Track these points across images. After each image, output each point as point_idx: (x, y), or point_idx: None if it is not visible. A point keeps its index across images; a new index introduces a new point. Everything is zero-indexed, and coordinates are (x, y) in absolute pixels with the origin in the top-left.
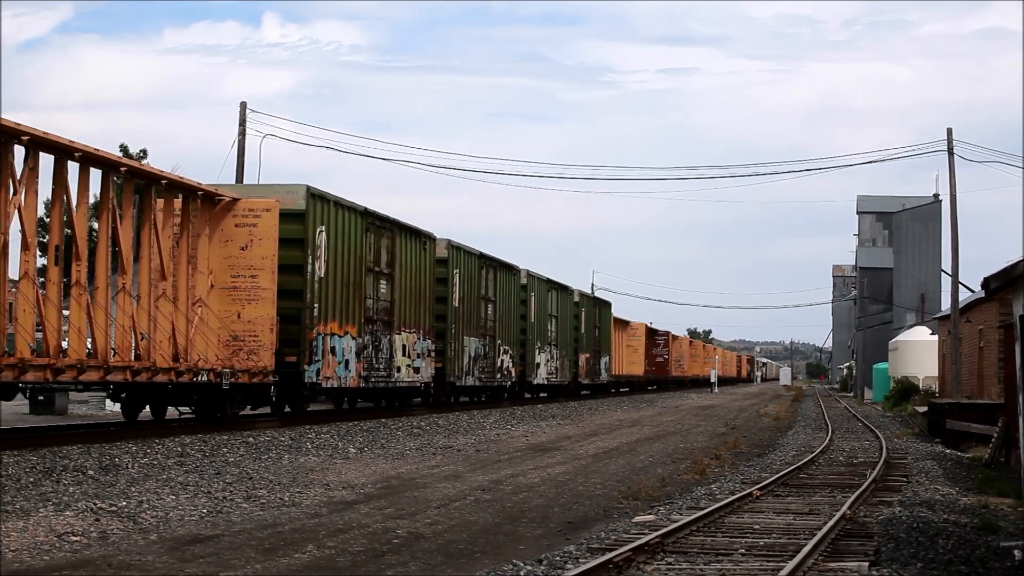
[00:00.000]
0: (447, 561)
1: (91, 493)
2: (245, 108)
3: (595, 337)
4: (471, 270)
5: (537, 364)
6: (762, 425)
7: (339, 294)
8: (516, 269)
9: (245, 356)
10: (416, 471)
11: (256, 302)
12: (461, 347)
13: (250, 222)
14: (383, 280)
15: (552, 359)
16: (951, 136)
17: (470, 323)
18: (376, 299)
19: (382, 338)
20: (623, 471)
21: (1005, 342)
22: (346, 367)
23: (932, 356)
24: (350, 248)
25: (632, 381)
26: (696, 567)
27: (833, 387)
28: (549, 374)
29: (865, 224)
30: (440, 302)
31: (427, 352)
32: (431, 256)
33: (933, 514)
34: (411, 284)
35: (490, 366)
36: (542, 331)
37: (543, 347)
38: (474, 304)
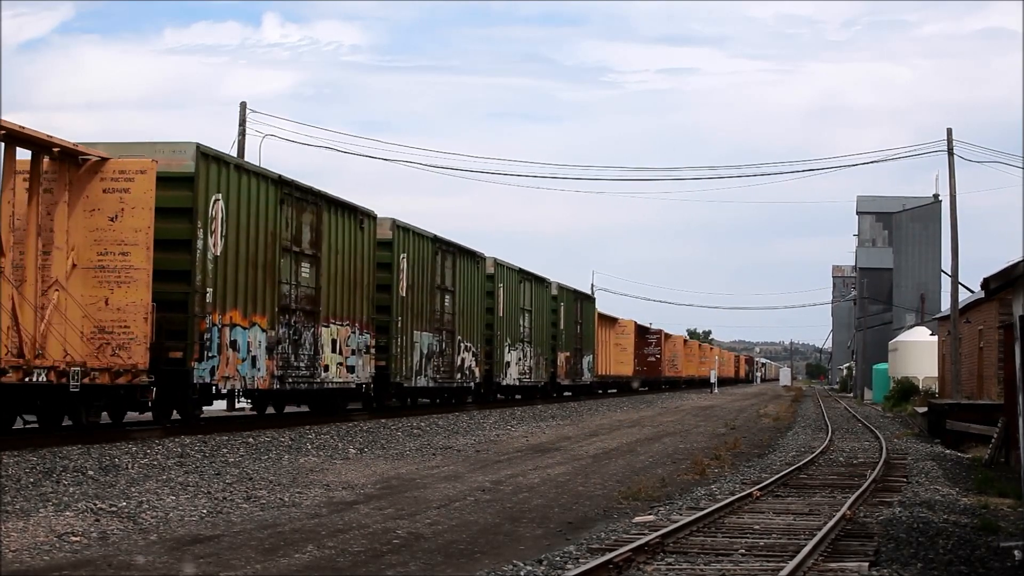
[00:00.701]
0: (447, 561)
1: (91, 493)
2: (245, 108)
3: (577, 334)
4: (423, 255)
5: (507, 363)
6: (762, 425)
7: (244, 277)
8: (480, 256)
9: (112, 352)
10: (416, 471)
11: (127, 285)
12: (410, 343)
13: (121, 187)
14: (305, 263)
15: (525, 358)
16: (951, 136)
17: (421, 316)
18: (295, 285)
19: (304, 331)
20: (623, 471)
21: (1005, 342)
22: (253, 365)
23: (932, 356)
24: (260, 222)
25: (620, 382)
26: (696, 567)
27: (833, 387)
28: (521, 374)
29: (865, 224)
30: (383, 291)
31: (365, 348)
32: (370, 237)
33: (933, 514)
34: (343, 269)
35: (448, 365)
36: (513, 326)
37: (514, 344)
38: (427, 294)
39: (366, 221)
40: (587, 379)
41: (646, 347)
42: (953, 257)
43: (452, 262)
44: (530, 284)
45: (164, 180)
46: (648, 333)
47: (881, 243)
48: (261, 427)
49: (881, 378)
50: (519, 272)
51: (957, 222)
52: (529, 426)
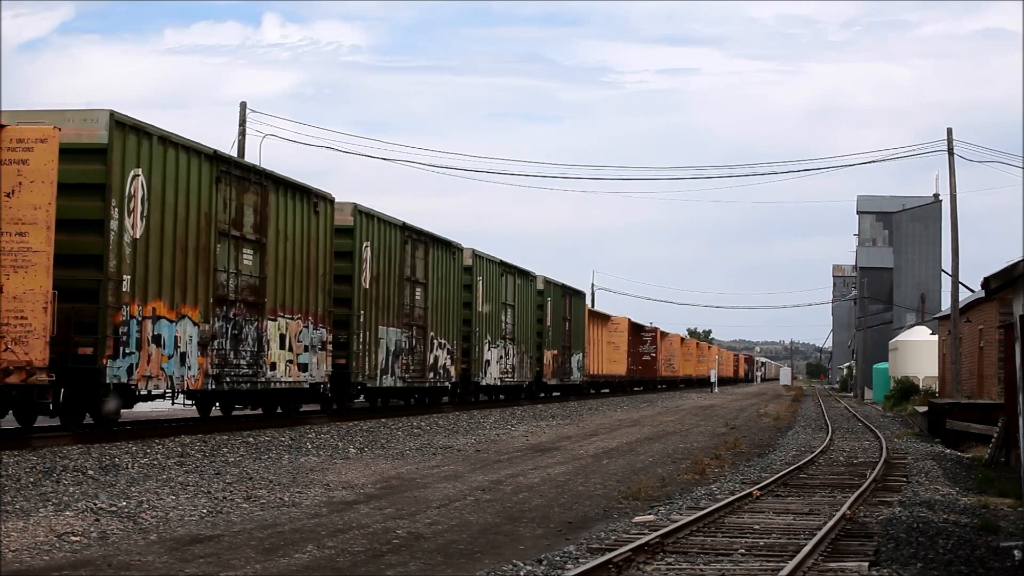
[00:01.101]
0: (447, 561)
1: (91, 493)
2: (245, 108)
3: (565, 331)
4: (390, 244)
5: (486, 361)
6: (762, 425)
7: (171, 264)
8: (457, 247)
9: (5, 347)
10: (416, 471)
11: (24, 271)
12: (374, 339)
13: (19, 158)
14: (248, 249)
15: (507, 356)
16: (951, 136)
17: (388, 310)
18: (235, 273)
19: (246, 325)
20: (623, 471)
21: (1005, 342)
22: (182, 362)
23: (932, 356)
24: (191, 202)
25: (613, 382)
26: (696, 567)
27: (833, 387)
28: (503, 373)
29: (865, 224)
30: (343, 282)
31: (320, 344)
32: (327, 224)
33: (933, 514)
34: (294, 256)
35: (419, 363)
36: (494, 323)
37: (495, 341)
38: (395, 287)
39: (321, 205)
40: (576, 379)
41: (641, 345)
42: (953, 257)
43: (424, 252)
44: (513, 278)
45: (73, 152)
46: (643, 331)
47: (881, 243)
48: (261, 427)
49: (881, 378)
50: (500, 264)
51: (957, 222)
52: (529, 426)
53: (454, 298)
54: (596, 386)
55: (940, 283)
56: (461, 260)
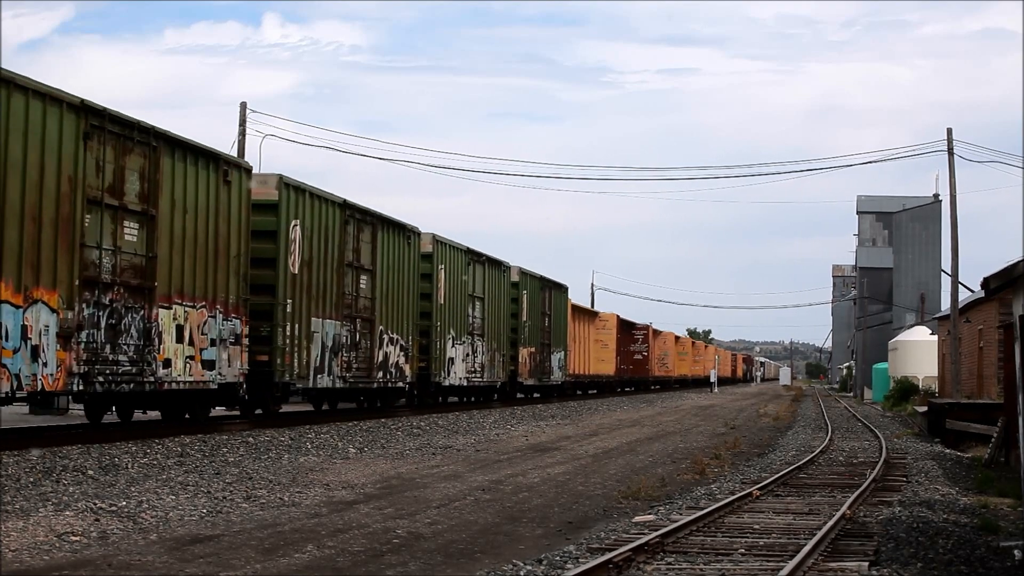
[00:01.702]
0: (447, 561)
1: (91, 493)
2: (245, 108)
3: (544, 327)
4: (327, 225)
5: (449, 360)
6: (762, 425)
7: (16, 236)
8: (413, 231)
9: None
10: (416, 471)
11: None
12: (305, 332)
13: None
14: (132, 222)
15: (475, 353)
16: (951, 136)
17: (324, 299)
18: (112, 250)
19: (129, 313)
20: (623, 471)
21: (1005, 342)
22: (34, 359)
23: (932, 356)
24: (46, 163)
25: (600, 382)
26: (696, 567)
27: (833, 387)
28: (470, 372)
29: (865, 224)
30: (265, 266)
31: (233, 338)
32: (242, 196)
33: (933, 514)
34: (197, 234)
35: (364, 361)
36: (458, 316)
37: (460, 338)
38: (333, 273)
39: (234, 174)
40: (558, 378)
41: (632, 344)
42: (953, 257)
43: (371, 236)
44: (482, 267)
45: None
46: (634, 329)
47: (881, 243)
48: (261, 427)
49: (881, 378)
50: (467, 252)
51: (957, 222)
52: (529, 426)
53: (410, 288)
54: (581, 387)
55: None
56: (418, 246)
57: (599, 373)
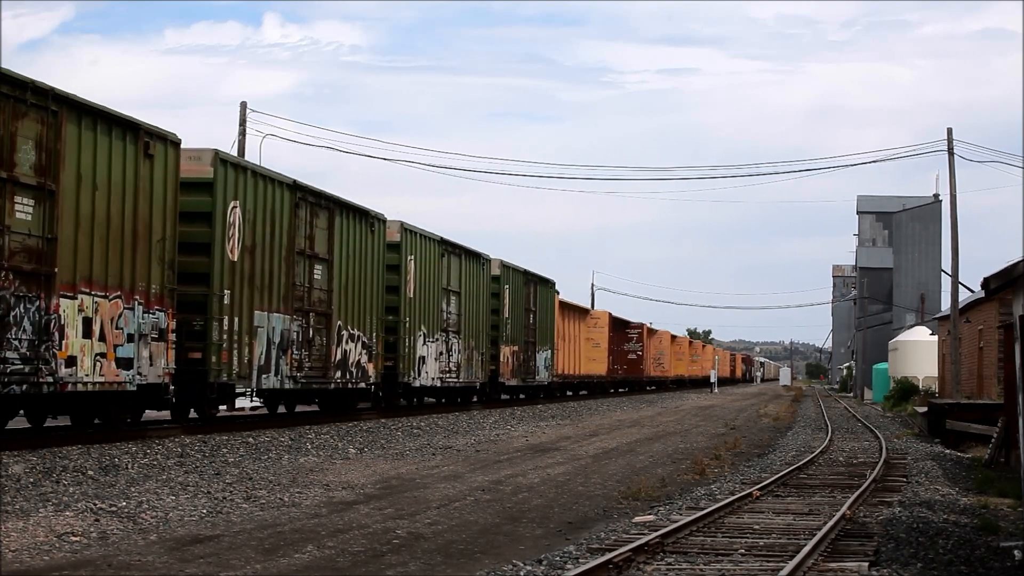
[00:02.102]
0: (447, 561)
1: (91, 493)
2: (245, 108)
3: (528, 325)
4: (271, 207)
5: (420, 358)
6: (762, 425)
7: None
8: (378, 218)
9: None
10: (416, 471)
11: None
12: (247, 327)
13: None
14: (23, 198)
15: (450, 351)
16: (951, 136)
17: (270, 291)
18: None
19: (19, 304)
20: (623, 471)
21: (1005, 342)
22: None
23: (932, 356)
24: None
25: (591, 382)
26: (696, 567)
27: (833, 387)
28: (444, 372)
29: (865, 224)
30: (197, 252)
31: (157, 333)
32: (166, 172)
33: (933, 514)
34: (110, 214)
35: (320, 359)
36: (430, 312)
37: (432, 335)
38: (280, 262)
39: (158, 147)
40: (544, 378)
41: (626, 343)
42: (953, 257)
43: (328, 221)
44: (459, 260)
45: None
46: (628, 327)
47: (881, 243)
48: (261, 427)
49: (881, 378)
50: (441, 243)
51: (957, 222)
52: (529, 426)
53: (374, 280)
54: (570, 387)
55: (940, 283)
56: (383, 234)
57: (590, 373)
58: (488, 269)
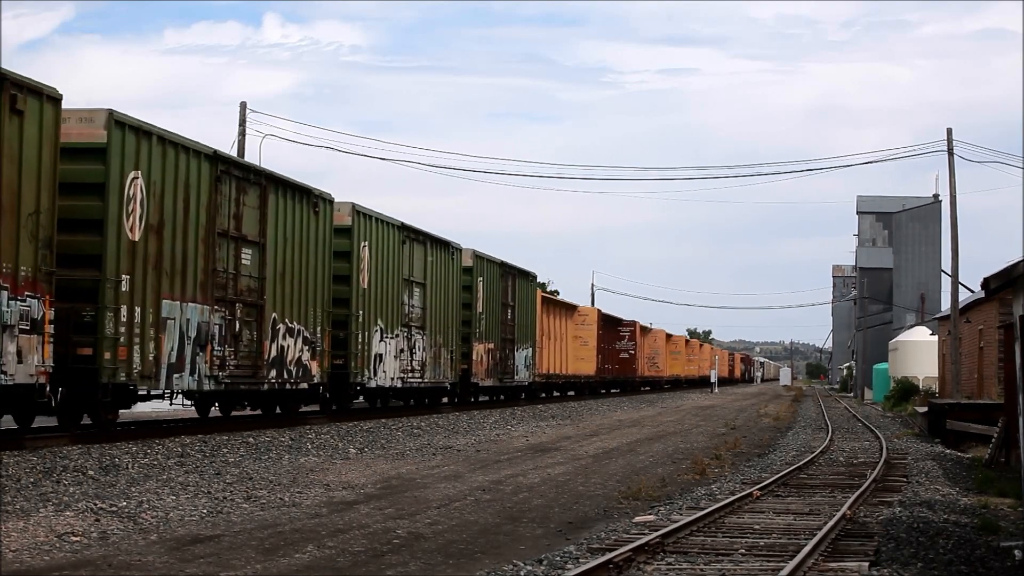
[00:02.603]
0: (447, 561)
1: (91, 493)
2: (245, 108)
3: (506, 321)
4: (185, 180)
5: (376, 356)
6: (762, 425)
7: None
8: (324, 198)
9: None
10: (416, 471)
11: None
12: (153, 319)
13: None
14: None
15: (413, 349)
16: (951, 136)
17: (183, 277)
18: None
19: None
20: (623, 471)
21: (1005, 342)
22: None
23: (932, 356)
24: None
25: (577, 383)
26: (696, 567)
27: (833, 387)
28: (406, 371)
29: (865, 224)
30: (87, 230)
31: (29, 323)
32: (41, 135)
33: (933, 514)
34: None
35: (250, 356)
36: (389, 305)
37: (392, 330)
38: (196, 244)
39: (28, 104)
40: (524, 378)
41: (617, 341)
42: (953, 257)
43: (260, 200)
44: (423, 248)
45: None
46: (620, 325)
47: (881, 243)
48: (261, 427)
49: (881, 378)
50: (402, 229)
51: (957, 222)
52: (529, 426)
53: (318, 268)
54: (556, 388)
55: (940, 283)
56: (330, 216)
57: (577, 373)
58: (458, 259)
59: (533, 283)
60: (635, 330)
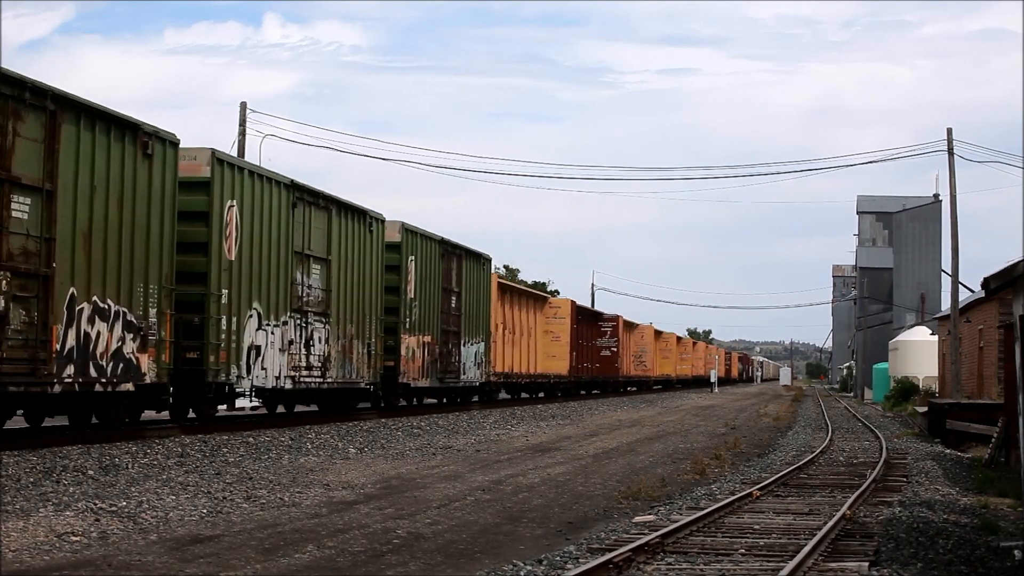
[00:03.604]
0: (447, 561)
1: (91, 493)
2: (245, 108)
3: (449, 310)
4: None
5: (253, 348)
6: (762, 425)
7: None
8: (164, 138)
9: None
10: (416, 471)
11: None
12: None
13: None
14: None
15: (310, 340)
16: (951, 136)
17: None
18: None
19: None
20: (623, 471)
21: (1005, 342)
22: None
23: (932, 356)
24: None
25: (547, 383)
26: (696, 567)
27: (833, 387)
28: (298, 369)
29: (865, 224)
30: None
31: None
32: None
33: (933, 514)
34: None
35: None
36: (274, 284)
37: (276, 315)
38: None
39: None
40: (474, 378)
41: (598, 337)
42: (953, 257)
43: (47, 132)
44: (325, 215)
45: None
46: (601, 320)
47: (881, 243)
48: (261, 427)
49: (881, 378)
50: (293, 188)
51: (957, 222)
52: (529, 426)
53: (151, 231)
54: (518, 389)
55: (940, 283)
56: (174, 166)
57: (546, 372)
58: (380, 233)
59: (486, 267)
60: (618, 325)
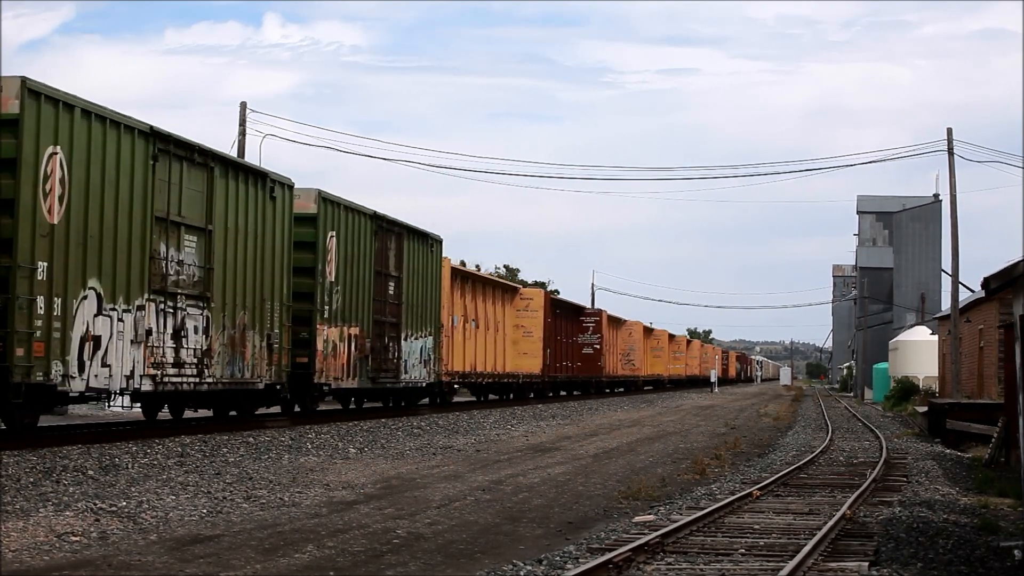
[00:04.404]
0: (447, 561)
1: (91, 493)
2: (245, 108)
3: (386, 298)
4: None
5: (89, 341)
6: (762, 425)
7: None
8: None
9: None
10: (416, 471)
11: None
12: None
13: None
14: None
15: (181, 331)
16: (951, 136)
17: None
18: None
19: None
20: (623, 471)
21: (1005, 342)
22: None
23: (932, 356)
24: None
25: (515, 383)
26: (696, 567)
27: (833, 387)
28: (160, 364)
29: (865, 224)
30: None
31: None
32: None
33: (933, 514)
34: None
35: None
36: (125, 258)
37: (126, 299)
38: None
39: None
40: (419, 377)
41: (579, 334)
42: (953, 257)
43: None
44: (203, 174)
45: None
46: (582, 314)
47: (881, 243)
48: (261, 427)
49: (881, 378)
50: (154, 138)
51: (957, 222)
52: (529, 426)
53: None
54: (482, 389)
55: (940, 283)
56: None
57: (515, 371)
58: (287, 201)
59: (436, 250)
60: (601, 321)
